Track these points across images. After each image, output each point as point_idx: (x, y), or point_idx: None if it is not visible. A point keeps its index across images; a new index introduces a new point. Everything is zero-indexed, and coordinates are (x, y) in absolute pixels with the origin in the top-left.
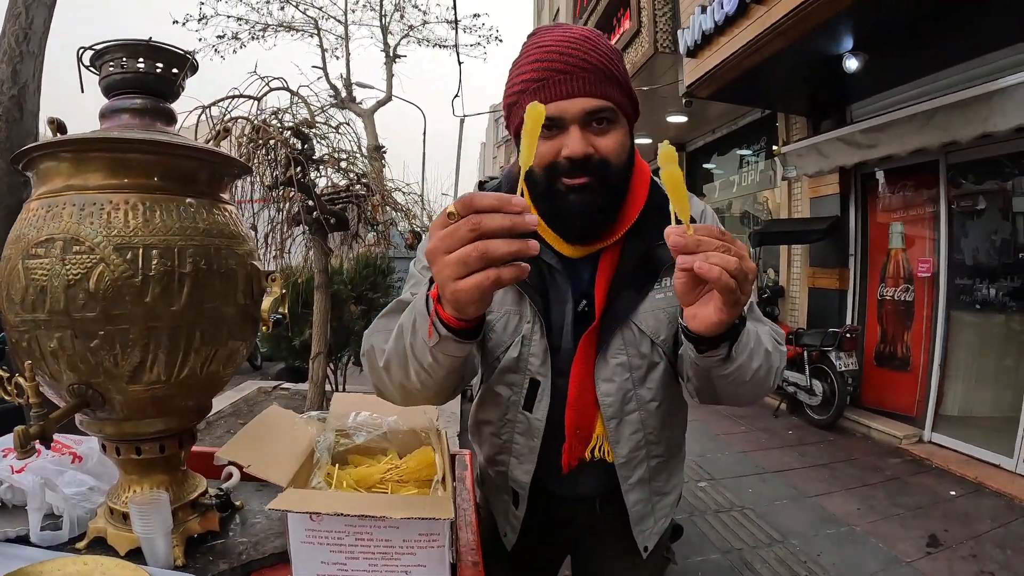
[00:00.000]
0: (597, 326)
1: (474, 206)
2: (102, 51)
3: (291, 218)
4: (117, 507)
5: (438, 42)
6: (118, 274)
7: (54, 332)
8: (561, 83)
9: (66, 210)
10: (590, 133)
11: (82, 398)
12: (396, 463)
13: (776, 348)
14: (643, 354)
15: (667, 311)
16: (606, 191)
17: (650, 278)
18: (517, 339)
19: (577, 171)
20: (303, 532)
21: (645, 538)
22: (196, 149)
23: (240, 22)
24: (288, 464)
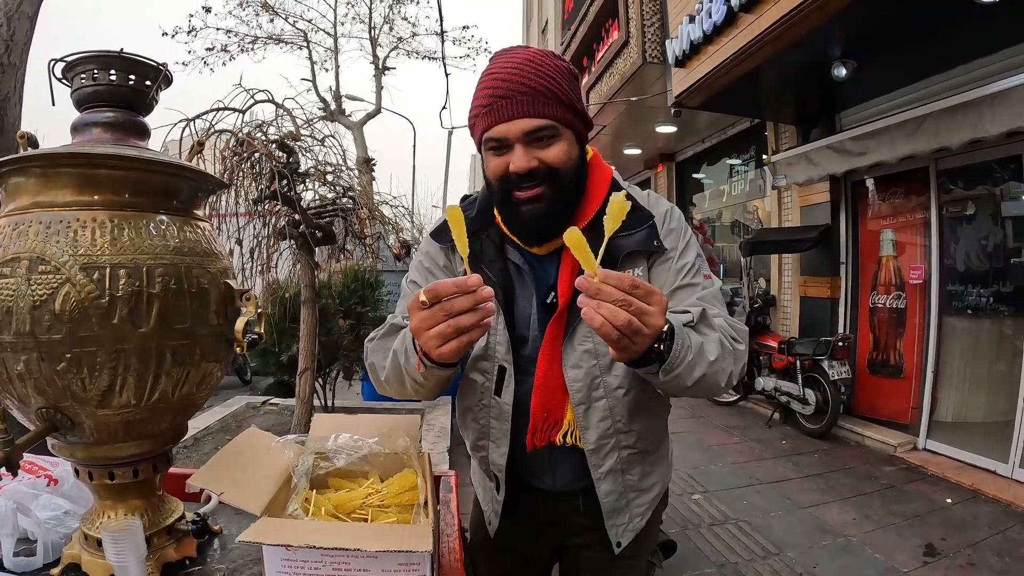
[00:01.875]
0: (562, 315)
1: (439, 293)
2: (73, 63)
3: (277, 232)
4: (92, 533)
5: (427, 54)
6: (84, 295)
7: (20, 355)
8: (503, 107)
9: (32, 228)
10: (534, 148)
11: (51, 422)
12: (377, 487)
13: (728, 353)
14: None
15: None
16: (557, 196)
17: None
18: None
19: (526, 182)
20: (278, 562)
21: (619, 533)
22: (168, 164)
23: (229, 35)
24: (264, 490)
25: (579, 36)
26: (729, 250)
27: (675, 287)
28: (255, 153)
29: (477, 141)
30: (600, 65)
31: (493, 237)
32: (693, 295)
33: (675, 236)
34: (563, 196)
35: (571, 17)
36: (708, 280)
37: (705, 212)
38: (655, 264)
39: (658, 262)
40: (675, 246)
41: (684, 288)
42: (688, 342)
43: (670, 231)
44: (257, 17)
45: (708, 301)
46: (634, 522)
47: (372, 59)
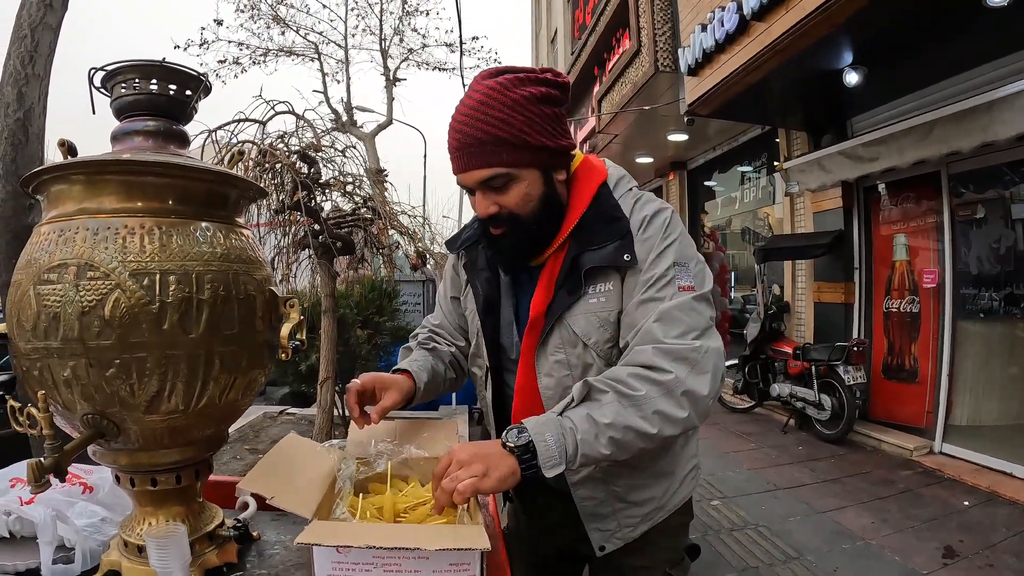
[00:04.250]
0: (535, 325)
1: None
2: (114, 72)
3: (297, 242)
4: (132, 540)
5: (437, 65)
6: (134, 300)
7: (68, 360)
8: (458, 158)
9: (79, 234)
10: (493, 192)
11: (97, 429)
12: (419, 494)
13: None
14: (578, 354)
15: (599, 315)
16: (521, 235)
17: (580, 282)
18: (476, 331)
19: (493, 224)
20: (329, 565)
21: (602, 537)
22: (213, 172)
23: (241, 47)
24: (311, 495)
25: (589, 46)
26: (740, 257)
27: (638, 301)
28: (277, 164)
29: None
30: (612, 75)
31: (486, 250)
32: (656, 308)
33: (647, 245)
34: (528, 231)
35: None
36: (683, 292)
37: (717, 220)
38: (628, 276)
39: (630, 274)
40: (646, 257)
41: (646, 303)
42: (565, 430)
43: (643, 241)
44: (268, 30)
45: (667, 316)
46: (624, 531)
47: (383, 70)
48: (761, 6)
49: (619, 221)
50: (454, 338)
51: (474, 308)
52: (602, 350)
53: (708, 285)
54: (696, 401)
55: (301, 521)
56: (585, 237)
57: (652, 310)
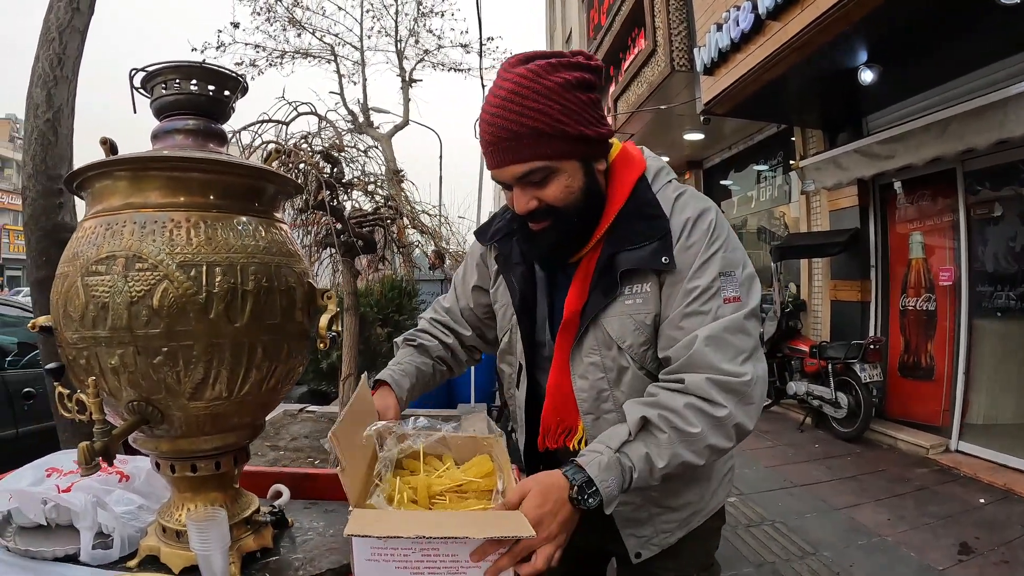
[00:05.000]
0: (569, 325)
1: None
2: (154, 73)
3: (319, 241)
4: (170, 525)
5: (453, 66)
6: (182, 291)
7: (116, 349)
8: (492, 154)
9: (127, 228)
10: (531, 188)
11: (142, 415)
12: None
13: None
14: (612, 356)
15: (634, 318)
16: (564, 229)
17: (615, 282)
18: (509, 327)
19: (532, 219)
20: (368, 551)
21: (639, 543)
22: (253, 168)
23: (258, 49)
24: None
25: (605, 46)
26: (756, 256)
27: (681, 313)
28: (301, 164)
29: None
30: (628, 74)
31: (521, 242)
32: (701, 325)
33: (692, 252)
34: (570, 225)
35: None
36: (728, 305)
37: (733, 219)
38: (667, 283)
39: (669, 281)
40: (690, 264)
41: (691, 316)
42: (624, 470)
43: (686, 247)
44: (284, 32)
45: (717, 339)
46: (660, 537)
47: (399, 72)
48: (776, 5)
49: (658, 219)
50: (459, 326)
51: (508, 303)
52: (637, 353)
53: (756, 297)
54: (742, 433)
55: (332, 509)
56: (621, 235)
57: (697, 325)
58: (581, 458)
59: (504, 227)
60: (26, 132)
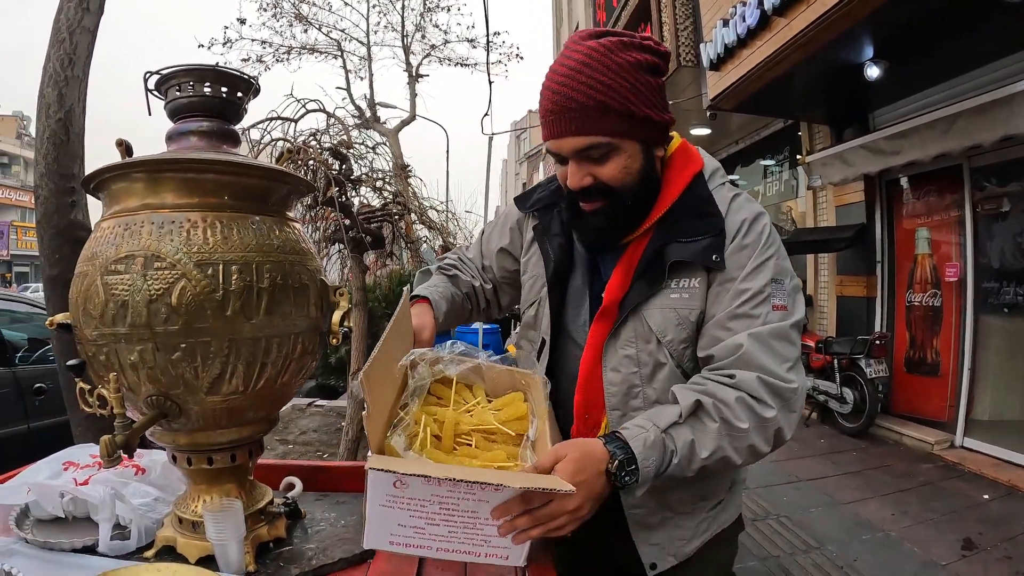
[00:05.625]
0: (607, 314)
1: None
2: (168, 76)
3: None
4: (187, 516)
5: (459, 61)
6: (200, 289)
7: (135, 345)
8: (554, 123)
9: (144, 228)
10: (589, 163)
11: (160, 409)
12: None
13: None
14: (650, 351)
15: (679, 311)
16: (615, 211)
17: (662, 273)
18: (537, 301)
19: (585, 197)
20: (383, 496)
21: (653, 553)
22: (267, 169)
23: (264, 45)
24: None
25: None
26: None
27: (728, 314)
28: (310, 160)
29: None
30: None
31: (563, 214)
32: (749, 328)
33: (745, 254)
34: (623, 208)
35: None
36: (776, 312)
37: None
38: (715, 282)
39: (718, 280)
40: (742, 265)
41: (739, 318)
42: (666, 453)
43: (741, 247)
44: (291, 28)
45: (766, 343)
46: (675, 545)
47: (405, 67)
48: (782, 1)
49: (712, 217)
50: (483, 275)
51: (539, 274)
52: (676, 349)
53: (802, 309)
54: (779, 440)
55: (343, 501)
56: (674, 226)
57: (744, 328)
58: (626, 431)
59: (546, 198)
60: (38, 131)
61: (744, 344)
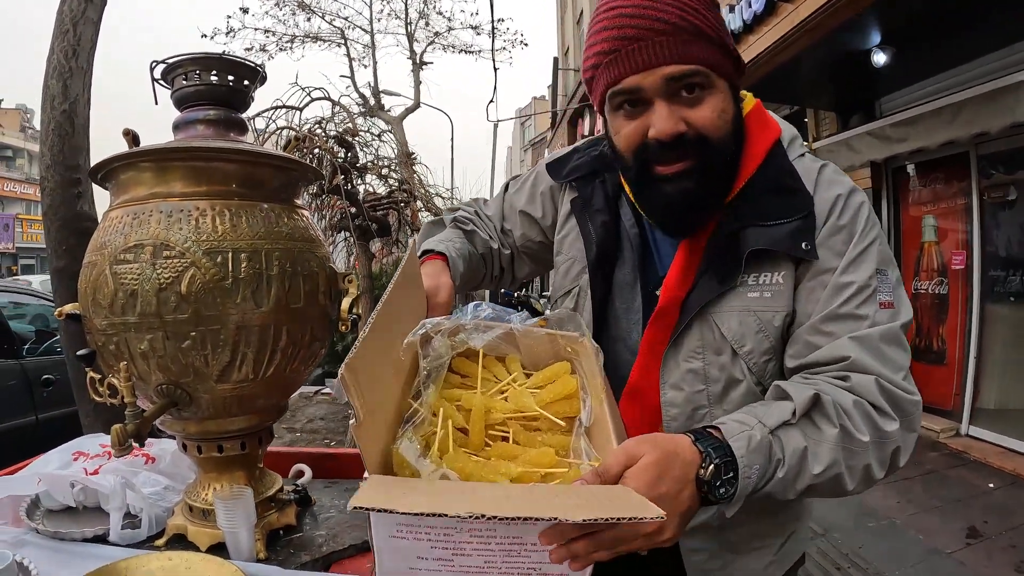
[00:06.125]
0: (665, 316)
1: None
2: (175, 64)
3: (334, 225)
4: (197, 504)
5: (463, 48)
6: (209, 277)
7: (145, 334)
8: (635, 53)
9: (153, 217)
10: (679, 105)
11: (170, 398)
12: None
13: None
14: (722, 364)
15: (759, 315)
16: (709, 174)
17: (738, 266)
18: (575, 289)
19: (670, 154)
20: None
21: None
22: (275, 157)
23: (267, 34)
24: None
25: None
26: None
27: (827, 315)
28: (316, 149)
29: (598, 100)
30: None
31: (608, 186)
32: (854, 331)
33: (842, 239)
34: (713, 175)
35: None
36: (885, 311)
37: None
38: (805, 275)
39: (809, 273)
40: (839, 253)
41: (839, 319)
42: (771, 462)
43: (837, 229)
44: (294, 16)
45: (870, 346)
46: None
47: (409, 54)
48: None
49: (798, 194)
50: (501, 238)
51: (577, 258)
52: (756, 363)
53: (909, 307)
54: (895, 465)
55: (353, 488)
56: (751, 207)
57: (847, 332)
58: (724, 427)
59: (586, 165)
60: (43, 123)
61: (851, 354)
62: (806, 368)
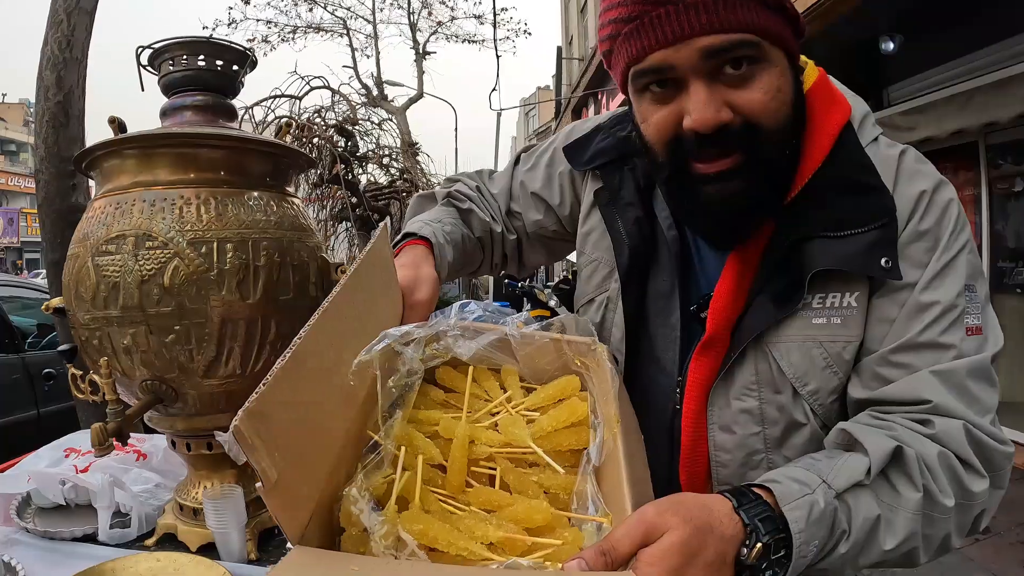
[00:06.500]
0: (714, 346)
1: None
2: (161, 49)
3: (335, 215)
4: (187, 503)
5: (467, 37)
6: (193, 268)
7: (127, 328)
8: (661, 20)
9: (136, 206)
10: (722, 86)
11: (155, 394)
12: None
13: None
14: (781, 404)
15: (827, 347)
16: (762, 172)
17: (800, 285)
18: (600, 299)
19: (711, 149)
20: None
21: None
22: (264, 143)
23: (269, 25)
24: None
25: None
26: None
27: (904, 344)
28: (315, 138)
29: (620, 78)
30: None
31: (638, 174)
32: (935, 364)
33: (925, 246)
34: (770, 168)
35: None
36: (973, 339)
37: None
38: (879, 292)
39: (884, 290)
40: (920, 264)
41: (918, 349)
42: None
43: (918, 235)
44: (296, 7)
45: (956, 384)
46: None
47: (412, 44)
48: None
49: (876, 193)
50: (507, 221)
51: (605, 260)
52: (822, 404)
53: (999, 332)
54: (974, 530)
55: None
56: (818, 212)
57: (928, 365)
58: (777, 487)
59: (613, 148)
60: (37, 115)
61: (934, 397)
62: (875, 404)
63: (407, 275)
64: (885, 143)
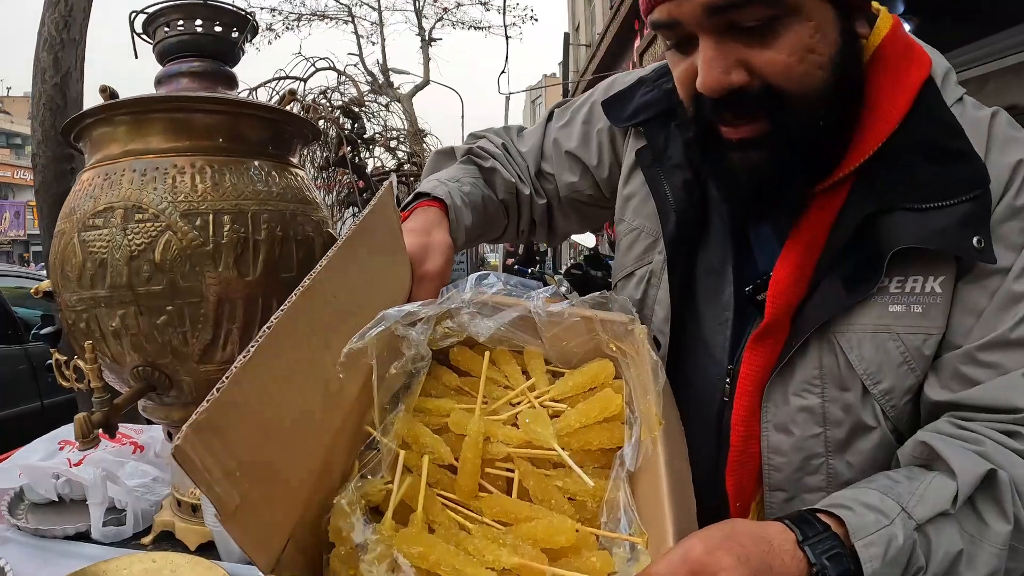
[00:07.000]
0: (768, 333)
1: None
2: (156, 14)
3: (342, 200)
4: (185, 499)
5: (473, 24)
6: (186, 242)
7: (116, 309)
8: None
9: (125, 176)
10: (738, 44)
11: (148, 381)
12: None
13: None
14: (847, 404)
15: (905, 340)
16: (791, 143)
17: (877, 267)
18: (642, 272)
19: (726, 114)
20: None
21: None
22: (265, 108)
23: (274, 13)
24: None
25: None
26: None
27: (993, 340)
28: (321, 120)
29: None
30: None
31: (684, 131)
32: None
33: (1021, 226)
34: (802, 139)
35: None
36: None
37: None
38: (966, 277)
39: (973, 275)
40: (1018, 247)
41: (1010, 347)
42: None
43: (1013, 211)
44: None
45: None
46: None
47: (418, 31)
48: None
49: (965, 159)
50: (535, 183)
51: (649, 229)
52: (895, 405)
53: None
54: None
55: None
56: (897, 179)
57: (1022, 365)
58: (849, 516)
59: (658, 101)
60: (34, 98)
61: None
62: (956, 408)
63: (416, 242)
64: (972, 103)
